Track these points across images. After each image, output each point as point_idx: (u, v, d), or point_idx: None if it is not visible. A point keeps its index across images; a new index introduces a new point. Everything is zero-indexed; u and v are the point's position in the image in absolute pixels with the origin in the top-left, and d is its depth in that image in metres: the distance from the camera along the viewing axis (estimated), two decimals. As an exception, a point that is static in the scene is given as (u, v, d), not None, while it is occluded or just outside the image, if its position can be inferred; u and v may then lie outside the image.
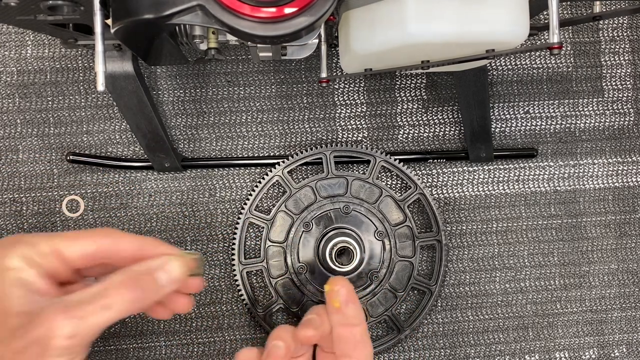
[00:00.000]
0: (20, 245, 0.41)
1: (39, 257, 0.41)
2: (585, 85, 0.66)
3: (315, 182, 0.62)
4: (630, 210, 0.66)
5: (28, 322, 0.38)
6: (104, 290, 0.40)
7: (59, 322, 0.37)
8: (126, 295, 0.40)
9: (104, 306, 0.39)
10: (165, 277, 0.42)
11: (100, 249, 0.43)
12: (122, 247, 0.43)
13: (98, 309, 0.39)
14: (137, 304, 0.41)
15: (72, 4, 0.40)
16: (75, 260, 0.42)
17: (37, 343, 0.37)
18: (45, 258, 0.41)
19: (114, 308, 0.39)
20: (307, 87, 0.64)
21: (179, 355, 0.62)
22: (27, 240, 0.41)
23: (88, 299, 0.39)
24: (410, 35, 0.43)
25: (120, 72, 0.55)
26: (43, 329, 0.37)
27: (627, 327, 0.65)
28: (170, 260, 0.43)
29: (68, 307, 0.38)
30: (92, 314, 0.38)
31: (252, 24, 0.37)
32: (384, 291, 0.61)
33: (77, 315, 0.38)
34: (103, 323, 0.39)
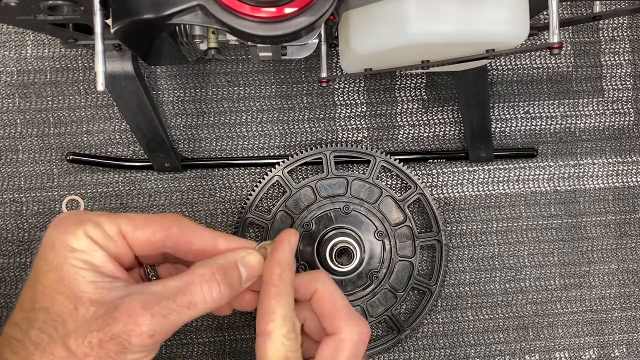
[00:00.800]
0: (86, 224, 0.37)
1: (104, 238, 0.37)
2: (585, 85, 0.66)
3: (315, 182, 0.62)
4: (630, 210, 0.66)
5: (104, 314, 0.34)
6: (189, 286, 0.36)
7: (140, 319, 0.34)
8: (214, 292, 0.37)
9: (189, 304, 0.36)
10: (246, 273, 0.39)
11: (167, 239, 0.39)
12: (192, 239, 0.39)
13: (183, 308, 0.36)
14: (223, 300, 0.37)
15: (72, 4, 0.40)
16: (139, 246, 0.39)
17: (116, 339, 0.34)
18: (111, 240, 0.37)
19: (199, 307, 0.36)
20: (307, 87, 0.64)
21: (179, 355, 0.62)
22: (92, 219, 0.37)
23: (171, 294, 0.36)
24: (411, 35, 0.43)
25: (120, 72, 0.55)
26: (122, 324, 0.34)
27: (627, 327, 0.65)
28: (250, 254, 0.40)
29: (150, 302, 0.35)
30: (175, 312, 0.35)
31: (252, 24, 0.37)
32: (384, 291, 0.61)
33: (160, 312, 0.35)
34: (185, 322, 0.36)
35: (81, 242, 0.36)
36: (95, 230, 0.37)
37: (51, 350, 0.34)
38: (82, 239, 0.36)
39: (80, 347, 0.34)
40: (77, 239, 0.36)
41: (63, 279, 0.35)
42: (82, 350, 0.34)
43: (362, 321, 0.41)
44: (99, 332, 0.34)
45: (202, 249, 0.40)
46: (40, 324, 0.35)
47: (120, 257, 0.38)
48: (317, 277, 0.41)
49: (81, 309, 0.35)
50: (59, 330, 0.34)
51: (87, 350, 0.34)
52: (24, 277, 0.61)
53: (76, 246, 0.36)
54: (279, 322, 0.38)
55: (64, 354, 0.34)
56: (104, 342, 0.34)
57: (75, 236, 0.36)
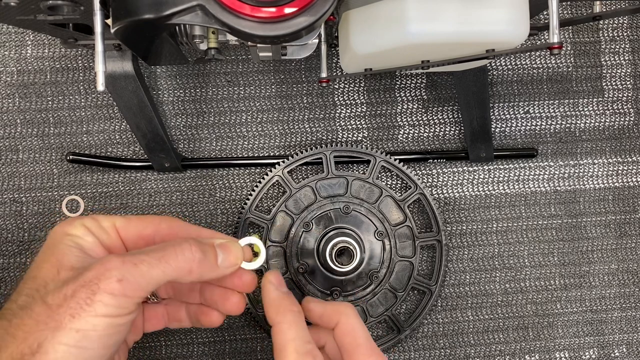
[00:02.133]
0: (85, 218, 0.42)
1: (98, 229, 0.42)
2: (585, 85, 0.66)
3: (315, 182, 0.62)
4: (630, 210, 0.66)
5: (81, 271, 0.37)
6: (164, 246, 0.39)
7: (111, 264, 0.37)
8: (186, 251, 0.39)
9: (161, 257, 0.38)
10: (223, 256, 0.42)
11: (157, 233, 0.44)
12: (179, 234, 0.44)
13: (154, 259, 0.38)
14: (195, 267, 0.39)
15: (72, 4, 0.40)
16: (131, 241, 0.43)
17: (87, 286, 0.36)
18: (105, 232, 0.42)
19: (171, 262, 0.38)
20: (307, 87, 0.64)
21: (179, 355, 0.62)
22: (92, 216, 0.43)
23: (145, 251, 0.39)
24: (411, 35, 0.43)
25: (120, 72, 0.56)
26: (94, 271, 0.37)
27: (627, 327, 0.65)
28: (230, 242, 0.43)
29: (124, 256, 0.38)
30: (146, 263, 0.38)
31: (252, 24, 0.37)
32: (384, 291, 0.61)
33: (131, 261, 0.37)
34: (156, 277, 0.38)
35: (76, 229, 0.41)
36: (91, 222, 0.42)
37: (31, 307, 0.37)
38: (78, 227, 0.42)
39: (56, 299, 0.37)
40: (73, 227, 0.41)
41: (53, 253, 0.40)
42: (57, 302, 0.36)
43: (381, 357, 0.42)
44: (73, 283, 0.37)
45: None
46: (27, 290, 0.39)
47: (112, 248, 0.42)
48: (342, 310, 0.44)
49: (62, 272, 0.38)
50: (40, 291, 0.38)
51: (61, 301, 0.36)
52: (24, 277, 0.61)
53: (71, 232, 0.41)
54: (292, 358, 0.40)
55: (41, 310, 0.36)
56: (76, 292, 0.36)
57: (73, 226, 0.42)
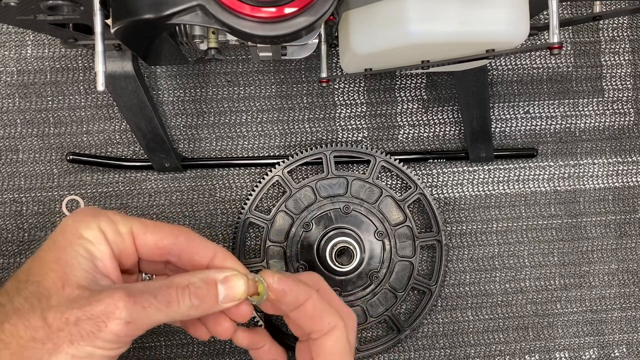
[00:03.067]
0: (101, 218, 0.39)
1: (114, 234, 0.39)
2: (585, 85, 0.66)
3: (315, 182, 0.62)
4: (630, 210, 0.66)
5: (89, 296, 0.36)
6: (169, 289, 0.38)
7: (120, 304, 0.36)
8: (186, 301, 0.39)
9: (168, 303, 0.38)
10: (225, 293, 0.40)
11: (174, 245, 0.41)
12: (196, 250, 0.42)
13: (162, 304, 0.37)
14: (194, 311, 0.39)
15: (72, 4, 0.40)
16: (147, 249, 0.41)
17: (93, 319, 0.35)
18: (120, 238, 0.40)
19: (173, 308, 0.38)
20: (307, 87, 0.64)
21: (179, 355, 0.62)
22: (109, 215, 0.40)
23: (152, 292, 0.38)
24: (411, 35, 0.43)
25: (120, 72, 0.56)
26: (103, 306, 0.36)
27: (627, 327, 0.65)
28: (235, 277, 0.41)
29: (133, 291, 0.37)
30: (154, 307, 0.37)
31: (252, 24, 0.37)
32: (384, 291, 0.61)
33: (139, 302, 0.36)
34: (160, 319, 0.38)
35: (91, 232, 0.39)
36: (108, 225, 0.39)
37: (28, 318, 0.35)
38: (94, 230, 0.39)
39: (57, 321, 0.35)
40: (89, 230, 0.39)
41: (60, 259, 0.38)
42: (57, 325, 0.35)
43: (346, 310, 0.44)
44: (80, 310, 0.35)
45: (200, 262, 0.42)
46: (27, 294, 0.37)
47: (124, 256, 0.40)
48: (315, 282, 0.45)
49: (67, 289, 0.36)
50: (42, 302, 0.36)
51: (62, 325, 0.35)
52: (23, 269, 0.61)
53: (85, 235, 0.38)
54: None
55: (39, 324, 0.35)
56: (81, 321, 0.35)
57: (88, 227, 0.39)
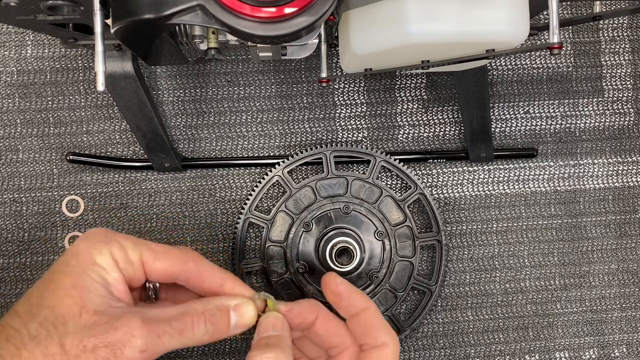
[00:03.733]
0: (113, 244, 0.40)
1: (125, 262, 0.40)
2: (585, 85, 0.66)
3: (315, 182, 0.62)
4: (630, 210, 0.66)
5: (105, 323, 0.37)
6: (183, 316, 0.39)
7: (137, 331, 0.37)
8: (201, 327, 0.40)
9: (181, 331, 0.39)
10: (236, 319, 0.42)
11: (183, 272, 0.42)
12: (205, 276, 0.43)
13: (176, 332, 0.38)
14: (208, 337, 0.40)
15: (72, 4, 0.40)
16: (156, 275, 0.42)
17: (110, 347, 0.36)
18: (131, 265, 0.40)
19: (188, 336, 0.39)
20: (307, 87, 0.64)
21: (179, 355, 0.62)
22: (119, 241, 0.41)
23: (168, 319, 0.39)
24: (411, 35, 0.43)
25: (120, 72, 0.55)
26: (120, 334, 0.36)
27: (627, 327, 0.65)
28: (246, 304, 0.42)
29: (149, 319, 0.38)
30: (168, 335, 0.38)
31: (252, 24, 0.37)
32: (384, 291, 0.61)
33: (155, 331, 0.37)
34: (174, 346, 0.39)
35: (104, 259, 0.39)
36: (119, 253, 0.40)
37: (46, 345, 0.35)
38: (106, 257, 0.40)
39: (74, 348, 0.35)
40: (102, 256, 0.39)
41: (77, 285, 0.38)
42: (75, 352, 0.35)
43: None
44: (97, 337, 0.36)
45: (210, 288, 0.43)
46: (42, 320, 0.36)
47: (134, 280, 0.41)
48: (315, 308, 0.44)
49: (85, 316, 0.37)
50: (59, 328, 0.36)
51: (80, 352, 0.35)
52: (24, 277, 0.61)
53: (99, 262, 0.39)
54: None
55: (56, 351, 0.35)
56: (98, 348, 0.36)
57: (100, 253, 0.39)
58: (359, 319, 0.44)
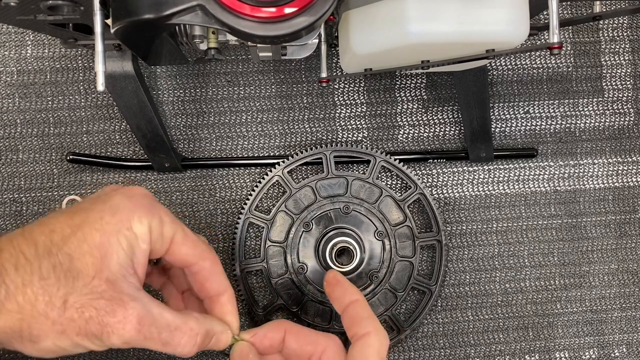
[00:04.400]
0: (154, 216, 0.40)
1: (158, 237, 0.40)
2: (585, 85, 0.66)
3: (315, 182, 0.62)
4: (630, 210, 0.66)
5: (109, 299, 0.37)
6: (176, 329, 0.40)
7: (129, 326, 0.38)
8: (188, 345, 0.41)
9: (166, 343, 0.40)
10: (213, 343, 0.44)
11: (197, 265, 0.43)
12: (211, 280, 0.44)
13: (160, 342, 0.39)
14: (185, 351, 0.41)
15: (72, 4, 0.40)
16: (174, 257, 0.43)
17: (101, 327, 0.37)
18: (161, 241, 0.41)
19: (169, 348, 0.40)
20: (307, 87, 0.64)
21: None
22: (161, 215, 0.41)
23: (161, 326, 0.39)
24: (411, 35, 0.43)
25: (120, 72, 0.55)
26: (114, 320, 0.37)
27: (627, 327, 0.65)
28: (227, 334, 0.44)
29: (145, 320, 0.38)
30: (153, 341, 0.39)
31: (252, 24, 0.37)
32: (384, 291, 0.61)
33: (144, 333, 0.38)
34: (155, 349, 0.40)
35: (141, 228, 0.39)
36: (157, 226, 0.40)
37: (51, 293, 0.36)
38: (144, 226, 0.39)
39: (73, 309, 0.36)
40: (140, 224, 0.39)
41: (103, 245, 0.38)
42: (72, 313, 0.36)
43: None
44: (96, 310, 0.37)
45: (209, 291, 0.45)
46: (57, 263, 0.36)
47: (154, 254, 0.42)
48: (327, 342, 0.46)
49: (96, 281, 0.37)
50: (69, 281, 0.36)
51: (76, 316, 0.36)
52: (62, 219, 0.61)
53: (135, 229, 0.39)
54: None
55: (58, 304, 0.36)
56: (92, 321, 0.37)
57: (140, 221, 0.39)
58: (348, 311, 0.46)
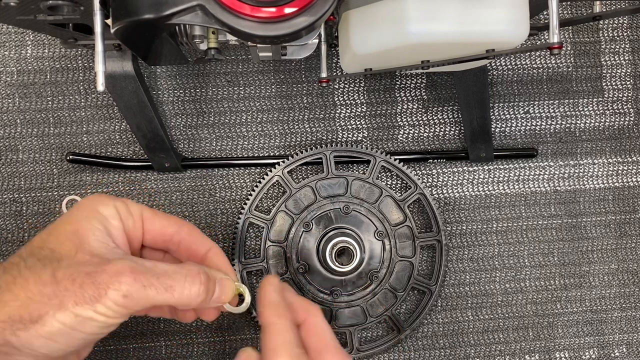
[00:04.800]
0: (116, 200, 0.43)
1: (127, 214, 0.43)
2: (585, 85, 0.66)
3: (315, 182, 0.62)
4: (630, 210, 0.66)
5: (97, 264, 0.38)
6: (175, 272, 0.40)
7: (123, 278, 0.38)
8: (194, 287, 0.41)
9: (168, 287, 0.40)
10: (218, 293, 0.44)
11: (177, 234, 0.45)
12: (194, 240, 0.46)
13: (162, 287, 0.39)
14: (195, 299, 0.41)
15: (72, 4, 0.40)
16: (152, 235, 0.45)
17: (96, 285, 0.37)
18: (131, 218, 0.43)
19: (175, 294, 0.40)
20: (307, 87, 0.64)
21: (179, 355, 0.62)
22: (122, 199, 0.44)
23: (158, 273, 0.40)
24: (411, 35, 0.43)
25: (120, 72, 0.55)
26: (106, 276, 0.38)
27: (627, 327, 0.65)
28: (229, 281, 0.45)
29: (138, 269, 0.39)
30: (153, 288, 0.39)
31: (252, 24, 0.37)
32: (384, 291, 0.61)
33: (141, 281, 0.38)
34: (157, 301, 0.39)
35: (107, 209, 0.42)
36: (122, 206, 0.43)
37: (39, 274, 0.38)
38: (109, 207, 0.42)
39: (65, 280, 0.38)
40: (105, 207, 0.42)
41: (78, 231, 0.40)
42: (64, 284, 0.37)
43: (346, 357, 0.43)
44: (86, 274, 0.38)
45: (197, 252, 0.46)
46: (41, 256, 0.39)
47: (132, 236, 0.44)
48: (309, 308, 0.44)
49: (80, 255, 0.39)
50: (53, 263, 0.39)
51: (69, 285, 0.37)
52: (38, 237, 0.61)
53: (102, 211, 0.42)
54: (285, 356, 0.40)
55: (48, 280, 0.38)
56: (85, 284, 0.37)
57: (103, 204, 0.42)
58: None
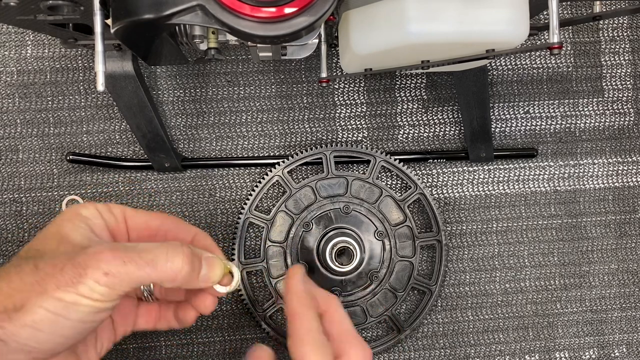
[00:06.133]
0: (98, 204, 0.44)
1: (108, 213, 0.44)
2: (585, 85, 0.66)
3: (315, 182, 0.62)
4: (630, 210, 0.66)
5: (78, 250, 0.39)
6: (156, 248, 0.40)
7: (102, 255, 0.38)
8: (177, 260, 0.40)
9: (150, 261, 0.39)
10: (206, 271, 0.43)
11: (162, 226, 0.46)
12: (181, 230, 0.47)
13: (143, 262, 0.39)
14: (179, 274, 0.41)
15: (72, 4, 0.40)
16: (137, 231, 0.45)
17: (76, 266, 0.38)
18: (113, 217, 0.44)
19: (158, 267, 0.40)
20: (307, 87, 0.64)
21: (179, 355, 0.62)
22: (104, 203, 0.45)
23: (137, 250, 0.40)
24: (411, 35, 0.43)
25: (120, 72, 0.55)
26: (85, 257, 0.38)
27: (627, 327, 0.65)
28: (216, 259, 0.44)
29: (117, 248, 0.39)
30: (134, 263, 0.39)
31: (252, 24, 0.37)
32: (384, 291, 0.61)
33: (120, 256, 0.38)
34: (140, 277, 0.39)
35: (88, 211, 0.43)
36: (103, 207, 0.44)
37: (21, 267, 0.39)
38: (90, 209, 0.44)
39: (46, 266, 0.38)
40: (86, 209, 0.43)
41: (60, 231, 0.42)
42: (46, 270, 0.38)
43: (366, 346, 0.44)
44: (67, 258, 0.38)
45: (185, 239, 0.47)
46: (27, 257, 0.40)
47: (117, 233, 0.45)
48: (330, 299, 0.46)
49: (62, 246, 0.40)
50: (36, 257, 0.40)
51: (50, 270, 0.38)
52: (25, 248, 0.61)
53: (83, 213, 0.43)
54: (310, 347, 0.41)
55: (30, 271, 0.38)
56: (65, 267, 0.38)
57: (85, 207, 0.44)
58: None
